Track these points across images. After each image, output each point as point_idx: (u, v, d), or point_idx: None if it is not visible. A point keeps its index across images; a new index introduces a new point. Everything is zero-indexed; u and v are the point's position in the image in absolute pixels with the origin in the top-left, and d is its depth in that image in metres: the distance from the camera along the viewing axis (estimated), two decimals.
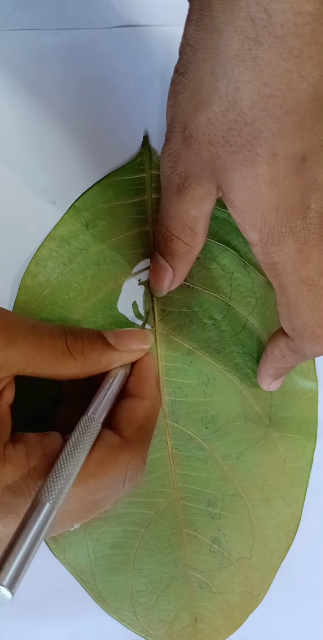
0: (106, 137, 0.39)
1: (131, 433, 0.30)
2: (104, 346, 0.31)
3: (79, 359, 0.30)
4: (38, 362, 0.29)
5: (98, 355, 0.31)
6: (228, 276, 0.38)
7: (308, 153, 0.27)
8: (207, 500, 0.38)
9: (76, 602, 0.37)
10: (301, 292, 0.30)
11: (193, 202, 0.30)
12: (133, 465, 0.30)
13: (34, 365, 0.29)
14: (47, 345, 0.29)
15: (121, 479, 0.30)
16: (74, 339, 0.30)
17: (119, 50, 0.39)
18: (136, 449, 0.30)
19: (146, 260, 0.38)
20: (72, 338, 0.30)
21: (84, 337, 0.31)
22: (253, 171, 0.27)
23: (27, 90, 0.39)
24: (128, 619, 0.37)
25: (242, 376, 0.38)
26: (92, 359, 0.31)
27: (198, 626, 0.37)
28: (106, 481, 0.29)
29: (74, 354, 0.30)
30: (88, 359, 0.31)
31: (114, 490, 0.30)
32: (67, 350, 0.30)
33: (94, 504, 0.30)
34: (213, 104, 0.27)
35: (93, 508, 0.30)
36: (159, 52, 0.39)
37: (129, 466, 0.30)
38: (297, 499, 0.38)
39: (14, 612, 0.37)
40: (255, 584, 0.38)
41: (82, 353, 0.30)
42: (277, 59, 0.25)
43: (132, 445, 0.30)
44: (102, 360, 0.31)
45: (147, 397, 0.32)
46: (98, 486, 0.28)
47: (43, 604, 0.37)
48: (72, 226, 0.38)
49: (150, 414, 0.32)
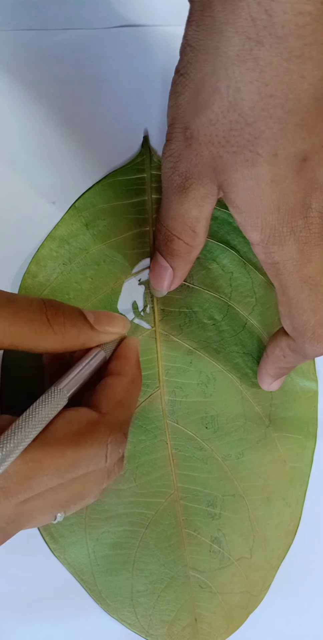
0: (106, 137, 0.39)
1: (109, 408, 0.30)
2: (84, 323, 0.31)
3: (59, 332, 0.29)
4: (16, 334, 0.28)
5: (77, 331, 0.30)
6: (228, 276, 0.38)
7: (309, 153, 0.27)
8: (207, 501, 0.38)
9: (76, 602, 0.37)
10: (302, 291, 0.30)
11: (194, 202, 0.30)
12: (113, 439, 0.29)
13: (12, 337, 0.28)
14: (25, 317, 0.29)
15: (102, 452, 0.29)
16: (55, 312, 0.30)
17: (119, 50, 0.39)
18: (114, 422, 0.29)
19: (146, 260, 0.38)
20: (53, 311, 0.29)
21: (65, 311, 0.30)
22: (254, 171, 0.27)
23: (27, 90, 0.39)
24: (128, 619, 0.37)
25: (242, 376, 0.38)
26: (72, 334, 0.30)
27: (198, 626, 0.37)
28: (85, 454, 0.28)
29: (54, 327, 0.29)
30: (68, 333, 0.30)
31: (96, 465, 0.29)
32: (47, 322, 0.29)
33: (78, 485, 0.29)
34: (214, 104, 0.27)
35: (77, 490, 0.29)
36: (159, 52, 0.39)
37: (110, 439, 0.29)
38: (297, 499, 0.38)
39: (14, 612, 0.37)
40: (255, 584, 0.38)
41: (63, 326, 0.30)
42: (278, 59, 0.25)
43: (110, 419, 0.29)
44: (80, 337, 0.30)
45: (125, 374, 0.32)
46: (78, 459, 0.28)
47: (43, 604, 0.37)
48: (72, 226, 0.38)
49: (129, 389, 0.31)
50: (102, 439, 0.29)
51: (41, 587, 0.37)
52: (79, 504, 0.30)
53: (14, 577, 0.37)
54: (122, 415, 0.30)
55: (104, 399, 0.30)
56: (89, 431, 0.28)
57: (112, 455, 0.29)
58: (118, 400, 0.30)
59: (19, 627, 0.37)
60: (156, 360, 0.38)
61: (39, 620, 0.37)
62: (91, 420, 0.29)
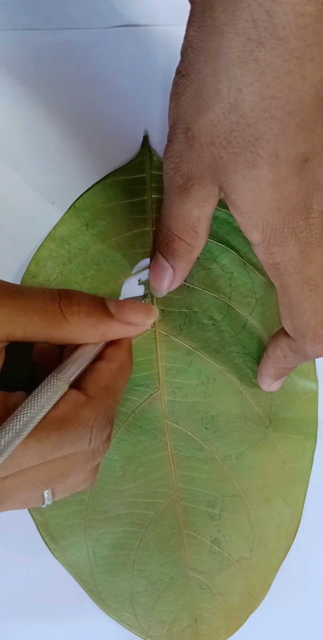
0: (106, 137, 0.39)
1: (96, 392, 0.29)
2: (103, 314, 0.30)
3: (73, 322, 0.29)
4: (27, 326, 0.28)
5: (95, 322, 0.30)
6: (228, 276, 0.38)
7: (311, 154, 0.27)
8: (207, 501, 0.38)
9: (75, 603, 0.37)
10: (303, 292, 0.30)
11: (195, 202, 0.30)
12: (98, 423, 0.29)
13: (23, 328, 0.28)
14: (36, 308, 0.28)
15: (86, 437, 0.29)
16: (69, 302, 0.29)
17: (119, 50, 0.39)
18: (100, 407, 0.29)
19: (146, 260, 0.38)
20: (67, 301, 0.29)
21: (82, 301, 0.30)
22: (255, 172, 0.27)
23: (27, 90, 0.39)
24: (127, 619, 0.37)
25: (242, 376, 0.38)
26: (89, 324, 0.29)
27: (198, 627, 0.37)
28: (69, 436, 0.28)
29: (68, 317, 0.29)
30: (83, 324, 0.29)
31: (80, 447, 0.29)
32: (60, 312, 0.29)
33: (60, 464, 0.29)
34: (215, 105, 0.27)
35: (59, 468, 0.29)
36: (159, 52, 0.39)
37: (95, 423, 0.29)
38: (297, 500, 0.38)
39: (14, 612, 0.37)
40: (255, 584, 0.38)
41: (77, 317, 0.29)
42: (279, 60, 0.25)
43: (96, 403, 0.29)
44: (98, 328, 0.30)
45: (114, 360, 0.31)
46: (61, 440, 0.28)
47: (43, 605, 0.37)
48: (72, 226, 0.38)
49: (117, 375, 0.31)
50: (87, 422, 0.28)
51: (40, 588, 0.37)
52: (64, 483, 0.30)
53: (14, 577, 0.37)
54: (108, 401, 0.30)
55: (92, 383, 0.30)
56: (75, 415, 0.28)
57: (96, 439, 0.29)
58: (105, 385, 0.30)
59: (18, 627, 0.37)
60: (156, 360, 0.38)
61: (38, 620, 0.37)
62: (78, 402, 0.29)
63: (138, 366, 0.38)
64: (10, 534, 0.37)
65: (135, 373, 0.38)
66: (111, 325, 0.30)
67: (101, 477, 0.37)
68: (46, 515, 0.37)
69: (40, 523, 0.37)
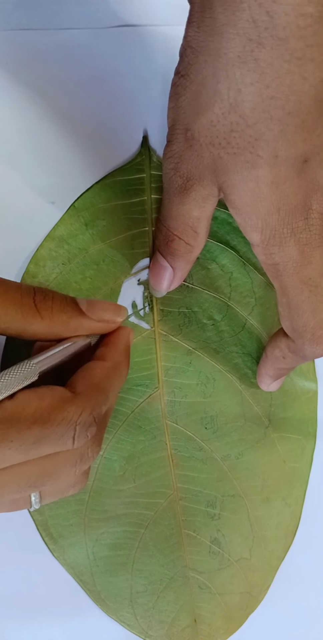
0: (105, 137, 0.39)
1: (83, 389, 0.29)
2: (74, 310, 0.31)
3: (46, 317, 0.29)
4: (2, 316, 0.28)
5: (67, 317, 0.30)
6: (228, 276, 0.38)
7: (310, 155, 0.27)
8: (207, 501, 0.38)
9: (75, 603, 0.37)
10: (302, 293, 0.30)
11: (195, 202, 0.30)
12: (82, 420, 0.28)
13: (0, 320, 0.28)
14: (11, 300, 0.29)
15: (69, 433, 0.28)
16: (43, 297, 0.30)
17: (119, 50, 0.39)
18: (86, 404, 0.29)
19: (146, 260, 0.38)
20: (41, 296, 0.30)
21: (55, 298, 0.30)
22: (255, 173, 0.27)
23: (26, 90, 0.38)
24: (127, 620, 0.37)
25: (242, 376, 0.38)
26: (61, 320, 0.30)
27: (198, 627, 0.37)
28: (52, 431, 0.27)
29: (41, 312, 0.29)
30: (56, 319, 0.30)
31: (63, 445, 0.28)
32: (34, 307, 0.29)
33: (45, 464, 0.29)
34: (214, 106, 0.27)
35: (45, 469, 0.29)
36: (159, 52, 0.39)
37: (79, 420, 0.28)
38: (297, 499, 0.38)
39: (14, 612, 0.37)
40: (254, 584, 0.38)
41: (51, 312, 0.30)
42: (279, 60, 0.25)
43: (82, 400, 0.29)
44: (70, 324, 0.30)
45: (109, 359, 0.31)
46: (44, 435, 0.27)
47: (43, 605, 0.37)
48: (71, 226, 0.38)
49: (110, 374, 0.31)
50: (71, 418, 0.28)
51: (40, 588, 0.37)
52: (52, 486, 0.30)
53: (13, 577, 0.37)
54: (96, 399, 0.29)
55: (81, 380, 0.30)
56: (59, 410, 0.28)
57: (80, 438, 0.29)
58: (95, 382, 0.30)
59: (18, 627, 0.37)
60: (156, 360, 0.38)
61: (38, 620, 0.37)
62: (64, 397, 0.28)
63: (138, 366, 0.38)
64: (10, 534, 0.37)
65: (134, 373, 0.38)
66: (82, 322, 0.31)
67: (101, 477, 0.37)
68: (45, 515, 0.37)
69: (40, 523, 0.37)
